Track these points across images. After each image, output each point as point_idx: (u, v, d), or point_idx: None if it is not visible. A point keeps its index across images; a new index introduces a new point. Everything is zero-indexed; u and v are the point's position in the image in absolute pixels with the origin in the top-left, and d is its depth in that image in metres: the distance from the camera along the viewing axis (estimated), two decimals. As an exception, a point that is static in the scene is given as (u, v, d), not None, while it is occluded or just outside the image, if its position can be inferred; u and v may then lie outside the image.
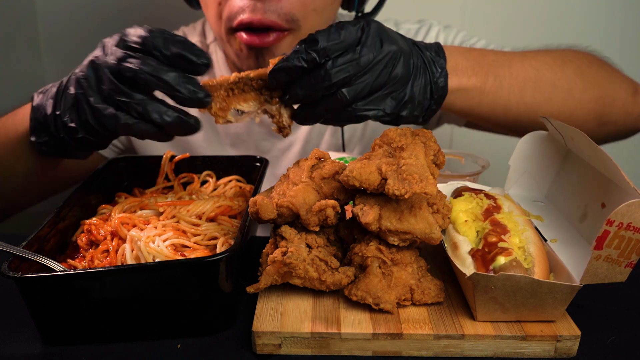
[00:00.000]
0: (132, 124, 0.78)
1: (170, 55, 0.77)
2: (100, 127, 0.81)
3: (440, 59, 0.88)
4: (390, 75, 0.80)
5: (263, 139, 1.30)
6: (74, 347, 0.70)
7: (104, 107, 0.79)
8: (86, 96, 0.81)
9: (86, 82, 0.81)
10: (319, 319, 0.70)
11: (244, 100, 0.81)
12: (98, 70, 0.80)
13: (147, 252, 0.75)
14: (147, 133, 0.79)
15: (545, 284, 0.66)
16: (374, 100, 0.81)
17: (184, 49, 0.77)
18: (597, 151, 0.73)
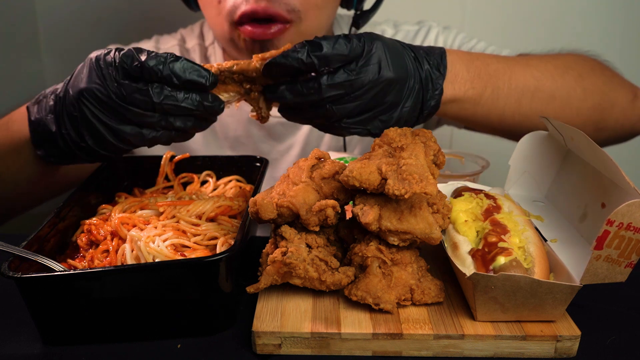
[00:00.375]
0: (159, 137, 0.81)
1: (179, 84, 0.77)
2: (124, 144, 0.83)
3: (440, 75, 0.88)
4: (381, 100, 0.82)
5: (262, 142, 1.30)
6: (74, 347, 0.70)
7: (125, 127, 0.80)
8: (99, 119, 0.81)
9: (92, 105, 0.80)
10: (319, 319, 0.70)
11: (224, 90, 0.84)
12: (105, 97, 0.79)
13: (147, 252, 0.75)
14: (173, 139, 0.83)
15: (545, 284, 0.66)
16: (362, 120, 0.82)
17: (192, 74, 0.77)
18: (597, 151, 0.73)
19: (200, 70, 0.78)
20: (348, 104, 0.80)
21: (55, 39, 1.76)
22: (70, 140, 0.86)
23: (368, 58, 0.79)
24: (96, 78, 0.79)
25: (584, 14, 1.73)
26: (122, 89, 0.77)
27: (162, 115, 0.79)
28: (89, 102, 0.80)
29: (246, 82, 0.83)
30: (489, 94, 0.96)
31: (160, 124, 0.80)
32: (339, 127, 0.83)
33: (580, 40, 1.33)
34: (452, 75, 0.91)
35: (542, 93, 1.01)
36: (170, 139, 0.83)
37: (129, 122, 0.80)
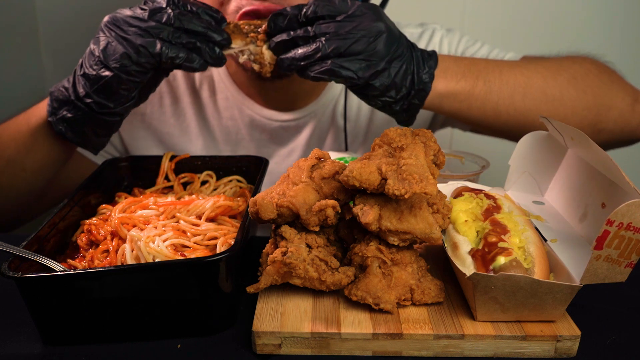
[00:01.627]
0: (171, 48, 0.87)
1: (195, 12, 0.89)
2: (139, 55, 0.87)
3: (431, 60, 0.94)
4: (369, 45, 0.88)
5: (264, 145, 1.30)
6: (74, 347, 0.70)
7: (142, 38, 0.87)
8: (120, 35, 0.88)
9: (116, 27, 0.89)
10: (319, 319, 0.70)
11: (232, 41, 0.92)
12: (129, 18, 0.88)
13: (147, 252, 0.75)
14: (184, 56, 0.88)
15: (545, 284, 0.66)
16: (349, 60, 0.88)
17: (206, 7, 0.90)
18: (597, 151, 0.73)
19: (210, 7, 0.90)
20: (337, 40, 0.87)
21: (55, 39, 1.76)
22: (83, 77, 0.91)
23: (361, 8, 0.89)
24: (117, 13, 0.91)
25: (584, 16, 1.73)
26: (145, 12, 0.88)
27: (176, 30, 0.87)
28: (113, 25, 0.90)
29: (253, 32, 0.93)
30: (481, 86, 1.00)
31: (176, 37, 0.87)
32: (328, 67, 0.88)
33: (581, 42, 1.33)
34: (443, 68, 0.96)
35: (534, 89, 1.03)
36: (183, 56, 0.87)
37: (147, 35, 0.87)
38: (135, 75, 0.89)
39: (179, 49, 0.87)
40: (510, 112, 1.02)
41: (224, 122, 1.29)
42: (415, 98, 0.93)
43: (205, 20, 0.89)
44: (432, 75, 0.93)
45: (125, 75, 0.89)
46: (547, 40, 1.73)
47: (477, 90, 1.00)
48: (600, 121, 1.08)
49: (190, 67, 0.88)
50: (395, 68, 0.90)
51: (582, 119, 1.06)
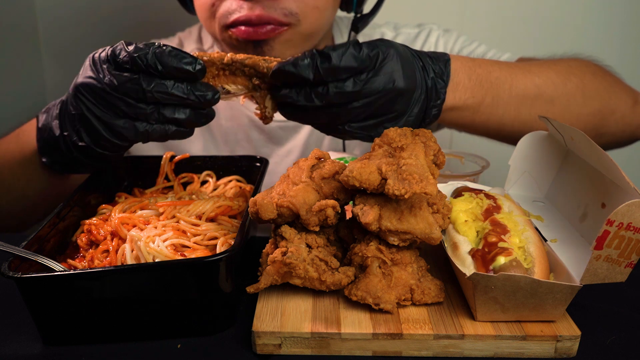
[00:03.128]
0: (151, 130, 0.80)
1: (165, 71, 0.77)
2: (119, 139, 0.82)
3: (443, 84, 0.87)
4: (389, 108, 0.82)
5: (262, 146, 1.30)
6: (74, 347, 0.70)
7: (118, 121, 0.80)
8: (94, 114, 0.81)
9: (87, 100, 0.81)
10: (319, 319, 0.70)
11: (232, 81, 0.83)
12: (99, 90, 0.80)
13: (147, 252, 0.75)
14: (167, 134, 0.81)
15: (545, 284, 0.66)
16: (366, 126, 0.82)
17: (178, 62, 0.77)
18: (597, 151, 0.73)
19: (185, 57, 0.77)
20: (354, 110, 0.80)
21: (55, 39, 1.76)
22: (70, 141, 0.87)
23: (379, 68, 0.79)
24: (90, 72, 0.81)
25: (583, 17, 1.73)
26: (113, 79, 0.78)
27: (155, 106, 0.79)
28: (84, 96, 0.81)
29: (256, 78, 0.83)
30: (488, 102, 0.96)
31: (154, 116, 0.79)
32: (342, 131, 0.83)
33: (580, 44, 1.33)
34: (454, 84, 0.91)
35: (542, 100, 1.01)
36: (165, 133, 0.81)
37: (123, 115, 0.80)
38: (120, 150, 0.86)
39: (161, 127, 0.80)
40: (515, 125, 1.00)
41: (222, 122, 1.29)
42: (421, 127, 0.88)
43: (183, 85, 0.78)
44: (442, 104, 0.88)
45: (109, 152, 0.86)
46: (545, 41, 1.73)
47: (484, 107, 0.96)
48: (603, 125, 1.08)
49: (177, 139, 0.83)
50: (412, 119, 0.85)
51: (586, 124, 1.05)
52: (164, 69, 0.76)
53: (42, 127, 0.92)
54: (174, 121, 0.80)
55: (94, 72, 0.80)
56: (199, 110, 0.81)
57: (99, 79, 0.79)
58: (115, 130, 0.81)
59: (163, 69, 0.76)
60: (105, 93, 0.79)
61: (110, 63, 0.79)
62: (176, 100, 0.78)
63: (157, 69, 0.76)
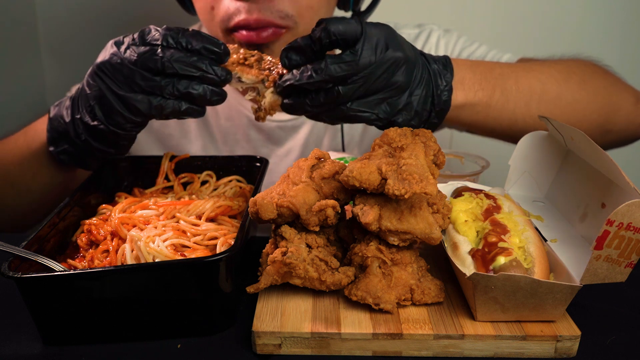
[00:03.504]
0: (165, 104, 0.82)
1: (193, 48, 0.80)
2: (132, 114, 0.84)
3: (447, 72, 0.88)
4: (389, 80, 0.81)
5: (261, 146, 1.30)
6: (74, 347, 0.70)
7: (133, 94, 0.82)
8: (110, 89, 0.83)
9: (106, 76, 0.84)
10: (319, 319, 0.70)
11: (247, 72, 0.86)
12: (118, 65, 0.82)
13: (147, 252, 0.75)
14: (180, 110, 0.83)
15: (545, 284, 0.66)
16: (368, 102, 0.81)
17: (206, 42, 0.81)
18: (597, 151, 0.73)
19: (214, 39, 0.81)
20: (354, 84, 0.79)
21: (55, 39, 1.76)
22: (81, 122, 0.88)
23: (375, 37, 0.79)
24: (111, 50, 0.83)
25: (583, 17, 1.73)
26: (134, 53, 0.81)
27: (170, 79, 0.81)
28: (102, 72, 0.84)
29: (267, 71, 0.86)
30: (498, 96, 0.96)
31: (168, 90, 0.81)
32: (346, 112, 0.82)
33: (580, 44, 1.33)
34: (459, 78, 0.91)
35: (549, 96, 1.01)
36: (178, 109, 0.83)
37: (139, 89, 0.82)
38: (132, 129, 0.88)
39: (174, 103, 0.82)
40: (527, 120, 1.00)
41: (222, 122, 1.29)
42: (435, 118, 0.87)
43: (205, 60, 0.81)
44: (451, 90, 0.87)
45: (121, 131, 0.88)
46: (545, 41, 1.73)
47: (495, 101, 0.96)
48: (608, 123, 1.08)
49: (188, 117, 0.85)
50: (417, 97, 0.84)
51: (592, 121, 1.06)
52: (192, 46, 0.80)
53: (53, 117, 0.94)
54: (188, 96, 0.82)
55: (115, 50, 0.83)
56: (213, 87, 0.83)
57: (119, 54, 0.82)
58: (129, 104, 0.83)
59: (190, 46, 0.80)
60: (123, 67, 0.82)
61: (136, 40, 0.82)
62: (193, 71, 0.80)
63: (186, 47, 0.80)
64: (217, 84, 0.83)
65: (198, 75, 0.81)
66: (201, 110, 0.85)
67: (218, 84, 0.83)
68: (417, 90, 0.84)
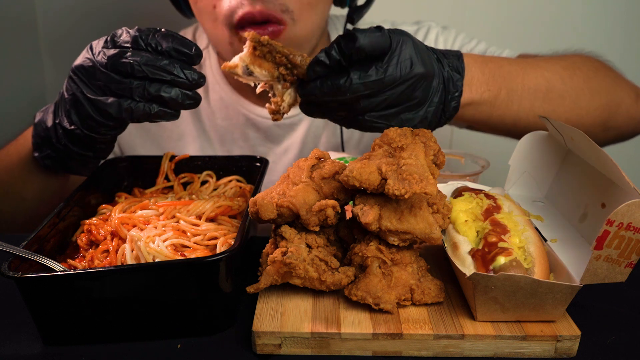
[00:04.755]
0: (135, 107, 0.80)
1: (163, 50, 0.78)
2: (103, 118, 0.83)
3: (459, 76, 0.88)
4: (410, 95, 0.82)
5: (259, 145, 1.30)
6: (74, 347, 0.70)
7: (104, 98, 0.82)
8: (83, 93, 0.83)
9: (80, 80, 0.84)
10: (319, 319, 0.70)
11: (259, 65, 0.82)
12: (91, 69, 0.82)
13: (147, 252, 0.75)
14: (150, 113, 0.81)
15: (545, 284, 0.66)
16: (386, 115, 0.82)
17: (177, 43, 0.79)
18: (597, 151, 0.73)
19: (185, 40, 0.79)
20: (376, 98, 0.80)
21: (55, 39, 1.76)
22: (60, 126, 0.89)
23: (399, 53, 0.79)
24: (86, 54, 0.84)
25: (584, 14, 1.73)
26: (106, 56, 0.80)
27: (141, 82, 0.79)
28: (76, 76, 0.84)
29: (284, 68, 0.82)
30: (504, 96, 0.97)
31: (139, 92, 0.79)
32: (362, 121, 0.82)
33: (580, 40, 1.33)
34: (469, 78, 0.92)
35: (553, 94, 1.02)
36: (148, 112, 0.80)
37: (110, 92, 0.81)
38: (106, 133, 0.87)
39: (145, 106, 0.80)
40: (530, 119, 1.01)
41: (218, 122, 1.29)
42: (444, 122, 0.90)
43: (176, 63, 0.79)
44: (460, 95, 0.88)
45: (96, 135, 0.87)
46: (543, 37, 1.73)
47: (500, 100, 0.97)
48: (610, 119, 1.09)
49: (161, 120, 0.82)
50: (432, 109, 0.85)
51: (595, 118, 1.06)
52: (162, 48, 0.78)
53: (37, 123, 0.94)
54: (159, 99, 0.80)
55: (89, 54, 0.83)
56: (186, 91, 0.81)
57: (92, 58, 0.82)
58: (100, 108, 0.82)
59: (161, 48, 0.78)
60: (95, 70, 0.81)
61: (107, 43, 0.81)
62: (163, 75, 0.78)
63: (156, 49, 0.78)
64: (189, 87, 0.81)
65: (168, 79, 0.79)
66: (174, 114, 0.83)
67: (190, 87, 0.81)
68: (433, 102, 0.85)
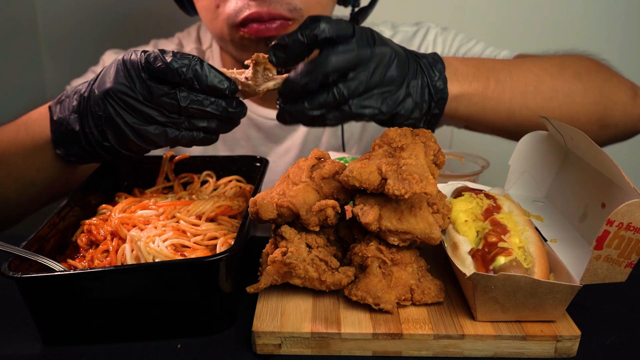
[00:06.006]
0: (181, 137, 0.83)
1: (201, 88, 0.80)
2: (147, 144, 0.85)
3: (438, 63, 0.90)
4: (384, 75, 0.83)
5: (261, 144, 1.30)
6: (74, 347, 0.70)
7: (149, 127, 0.83)
8: (124, 119, 0.83)
9: (119, 106, 0.83)
10: (319, 319, 0.70)
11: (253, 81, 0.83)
12: (132, 100, 0.82)
13: (147, 252, 0.75)
14: (195, 140, 0.84)
15: (545, 284, 0.66)
16: (369, 98, 0.83)
17: (214, 80, 0.80)
18: (597, 151, 0.73)
19: (221, 77, 0.80)
20: (353, 81, 0.81)
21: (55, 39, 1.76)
22: (93, 139, 0.88)
23: (364, 35, 0.82)
24: (123, 79, 0.82)
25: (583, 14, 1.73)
26: (149, 90, 0.80)
27: (187, 117, 0.82)
28: (114, 101, 0.83)
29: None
30: (494, 85, 0.98)
31: (184, 125, 0.82)
32: (349, 110, 0.83)
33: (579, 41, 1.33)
34: (453, 70, 0.93)
35: (545, 87, 1.02)
36: (192, 140, 0.84)
37: (154, 121, 0.82)
38: (145, 152, 0.90)
39: (190, 134, 0.84)
40: (524, 112, 1.01)
41: None
42: (436, 108, 0.89)
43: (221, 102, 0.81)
44: (445, 79, 0.89)
45: (134, 154, 0.89)
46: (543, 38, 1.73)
47: (490, 90, 0.97)
48: (607, 116, 1.08)
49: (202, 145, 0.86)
50: (414, 87, 0.86)
51: (590, 114, 1.06)
52: (200, 86, 0.79)
53: (57, 120, 0.91)
54: (204, 129, 0.84)
55: (127, 80, 0.81)
56: (225, 119, 0.84)
57: (132, 87, 0.81)
58: (144, 136, 0.83)
59: (199, 86, 0.79)
60: (137, 102, 0.81)
61: (144, 71, 0.80)
62: (209, 116, 0.82)
63: (194, 86, 0.79)
64: (232, 122, 0.85)
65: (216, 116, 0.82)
66: (215, 138, 0.86)
67: (233, 121, 0.85)
68: (413, 81, 0.86)
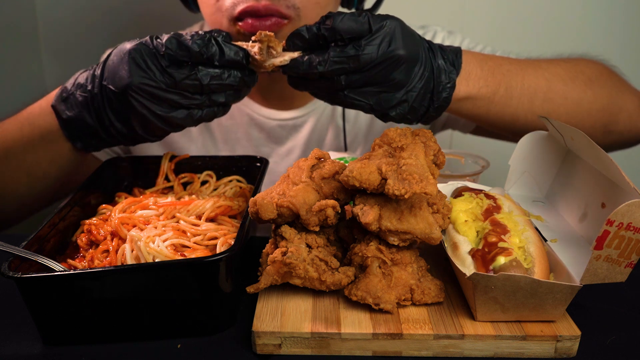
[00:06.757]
0: (204, 115, 0.87)
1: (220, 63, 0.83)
2: (172, 128, 0.88)
3: (454, 69, 0.90)
4: (387, 76, 0.83)
5: (262, 145, 1.30)
6: (74, 347, 0.70)
7: (175, 113, 0.86)
8: (150, 110, 0.85)
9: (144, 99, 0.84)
10: (319, 319, 0.70)
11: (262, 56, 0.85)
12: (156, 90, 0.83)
13: (147, 252, 0.75)
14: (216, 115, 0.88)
15: (545, 284, 0.66)
16: (364, 92, 0.84)
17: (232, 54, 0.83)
18: (597, 151, 0.73)
19: (236, 48, 0.84)
20: (353, 75, 0.82)
21: (55, 39, 1.76)
22: (115, 132, 0.90)
23: (379, 35, 0.82)
24: (141, 71, 0.83)
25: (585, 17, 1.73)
26: (170, 77, 0.83)
27: (208, 94, 0.85)
28: (137, 94, 0.84)
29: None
30: (502, 92, 0.98)
31: (205, 103, 0.86)
32: (342, 99, 0.85)
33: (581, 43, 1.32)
34: (466, 72, 0.93)
35: (554, 94, 1.02)
36: (214, 115, 0.88)
37: (179, 106, 0.85)
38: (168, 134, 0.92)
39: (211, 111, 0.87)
40: (529, 117, 1.01)
41: (222, 121, 1.29)
42: (434, 112, 0.89)
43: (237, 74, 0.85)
44: (453, 87, 0.88)
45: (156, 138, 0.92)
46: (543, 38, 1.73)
47: (498, 97, 0.97)
48: (611, 122, 1.08)
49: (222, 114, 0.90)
50: (414, 94, 0.86)
51: (596, 120, 1.06)
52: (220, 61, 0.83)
53: (67, 118, 0.92)
54: (222, 104, 0.87)
55: (146, 71, 0.83)
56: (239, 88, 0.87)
57: (153, 77, 0.83)
58: (171, 122, 0.86)
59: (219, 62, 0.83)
60: (161, 91, 0.83)
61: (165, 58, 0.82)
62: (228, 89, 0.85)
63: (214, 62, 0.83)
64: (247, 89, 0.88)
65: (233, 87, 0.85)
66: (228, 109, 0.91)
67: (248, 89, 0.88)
68: (415, 87, 0.86)
